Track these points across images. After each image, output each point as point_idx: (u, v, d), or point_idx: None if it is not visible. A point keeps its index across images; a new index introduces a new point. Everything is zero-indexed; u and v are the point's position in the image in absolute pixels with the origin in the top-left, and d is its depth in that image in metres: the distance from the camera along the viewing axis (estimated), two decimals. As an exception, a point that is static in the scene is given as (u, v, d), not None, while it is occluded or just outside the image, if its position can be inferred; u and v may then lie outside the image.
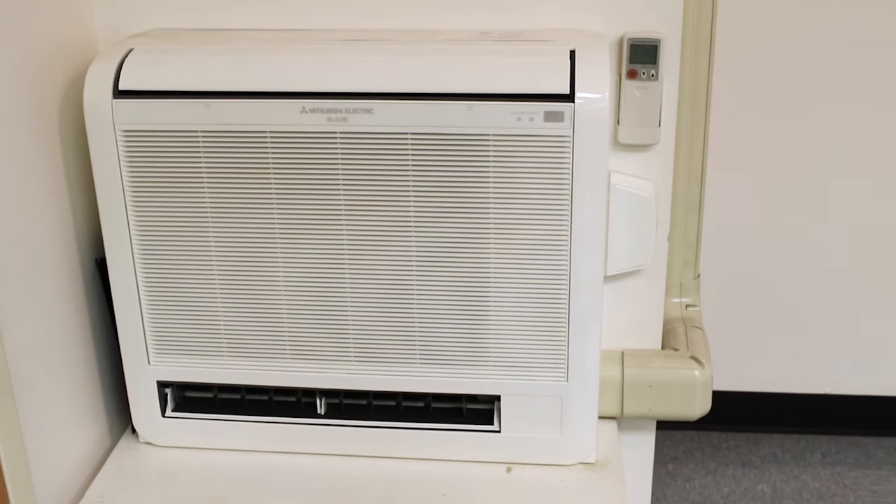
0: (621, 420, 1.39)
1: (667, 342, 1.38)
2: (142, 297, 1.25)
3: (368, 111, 1.13)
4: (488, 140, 1.13)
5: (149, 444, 1.34)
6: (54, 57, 1.21)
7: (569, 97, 1.11)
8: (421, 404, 1.30)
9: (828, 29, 1.99)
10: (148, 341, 1.27)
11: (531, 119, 1.12)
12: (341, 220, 1.18)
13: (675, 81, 1.25)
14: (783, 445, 2.31)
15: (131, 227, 1.21)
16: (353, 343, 1.25)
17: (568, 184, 1.14)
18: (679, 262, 1.39)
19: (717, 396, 1.41)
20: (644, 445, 1.46)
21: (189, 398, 1.33)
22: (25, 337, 1.17)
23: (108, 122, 1.16)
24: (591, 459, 1.29)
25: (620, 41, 1.23)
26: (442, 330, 1.23)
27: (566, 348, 1.22)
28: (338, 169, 1.16)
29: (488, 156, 1.14)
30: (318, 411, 1.31)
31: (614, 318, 1.36)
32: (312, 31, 1.26)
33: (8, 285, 1.13)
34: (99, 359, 1.34)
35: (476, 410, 1.29)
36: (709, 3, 1.26)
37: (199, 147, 1.17)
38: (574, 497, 1.24)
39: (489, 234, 1.18)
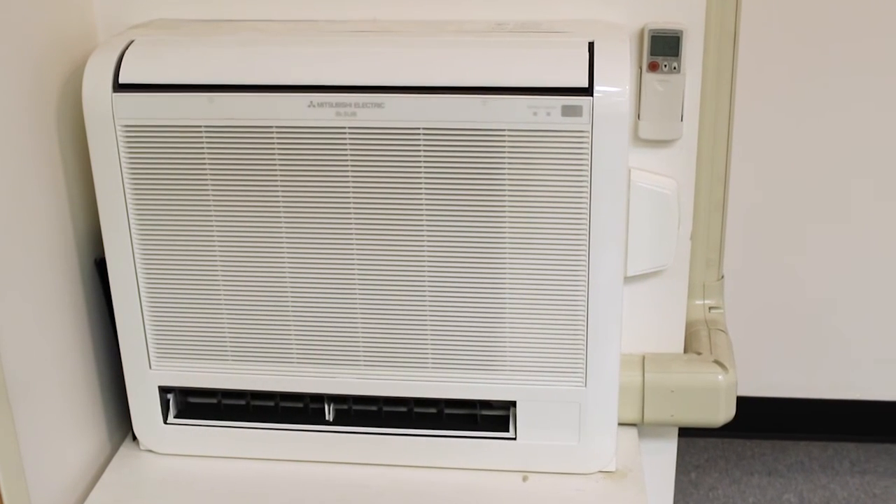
0: (642, 427, 1.38)
1: (689, 346, 1.37)
2: (143, 298, 1.24)
3: (379, 105, 1.13)
4: (503, 135, 1.12)
5: (150, 451, 1.34)
6: (52, 49, 1.20)
7: (587, 91, 1.11)
8: (433, 410, 1.29)
9: (861, 20, 1.97)
10: (149, 345, 1.26)
11: (548, 113, 1.11)
12: (350, 218, 1.18)
13: (698, 74, 1.25)
14: (810, 453, 2.32)
15: (132, 225, 1.21)
16: (363, 346, 1.24)
17: (586, 181, 1.13)
18: (702, 262, 1.39)
19: (742, 402, 1.41)
20: (666, 453, 1.45)
21: (192, 404, 1.33)
22: (22, 340, 1.16)
23: (107, 116, 1.16)
24: (611, 468, 1.29)
25: (641, 32, 1.23)
26: (455, 333, 1.22)
27: (584, 352, 1.21)
28: (347, 165, 1.15)
29: (503, 152, 1.13)
30: (327, 418, 1.30)
31: (635, 321, 1.35)
32: (320, 22, 1.26)
33: (3, 286, 1.12)
34: (98, 363, 1.34)
35: (491, 417, 1.28)
36: (733, -9, 1.26)
37: (202, 143, 1.16)
38: (593, 508, 1.24)
39: (504, 233, 1.17)
